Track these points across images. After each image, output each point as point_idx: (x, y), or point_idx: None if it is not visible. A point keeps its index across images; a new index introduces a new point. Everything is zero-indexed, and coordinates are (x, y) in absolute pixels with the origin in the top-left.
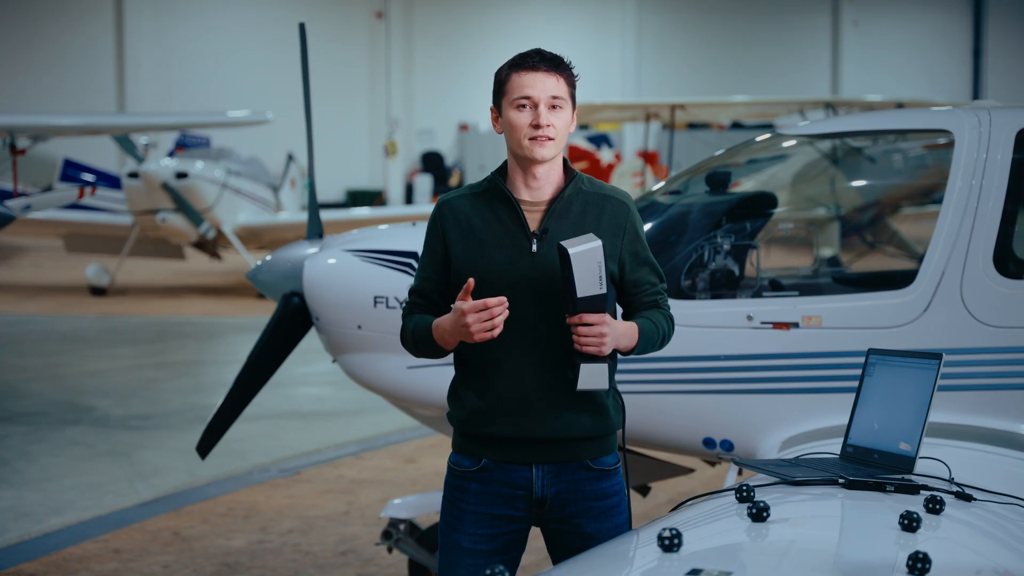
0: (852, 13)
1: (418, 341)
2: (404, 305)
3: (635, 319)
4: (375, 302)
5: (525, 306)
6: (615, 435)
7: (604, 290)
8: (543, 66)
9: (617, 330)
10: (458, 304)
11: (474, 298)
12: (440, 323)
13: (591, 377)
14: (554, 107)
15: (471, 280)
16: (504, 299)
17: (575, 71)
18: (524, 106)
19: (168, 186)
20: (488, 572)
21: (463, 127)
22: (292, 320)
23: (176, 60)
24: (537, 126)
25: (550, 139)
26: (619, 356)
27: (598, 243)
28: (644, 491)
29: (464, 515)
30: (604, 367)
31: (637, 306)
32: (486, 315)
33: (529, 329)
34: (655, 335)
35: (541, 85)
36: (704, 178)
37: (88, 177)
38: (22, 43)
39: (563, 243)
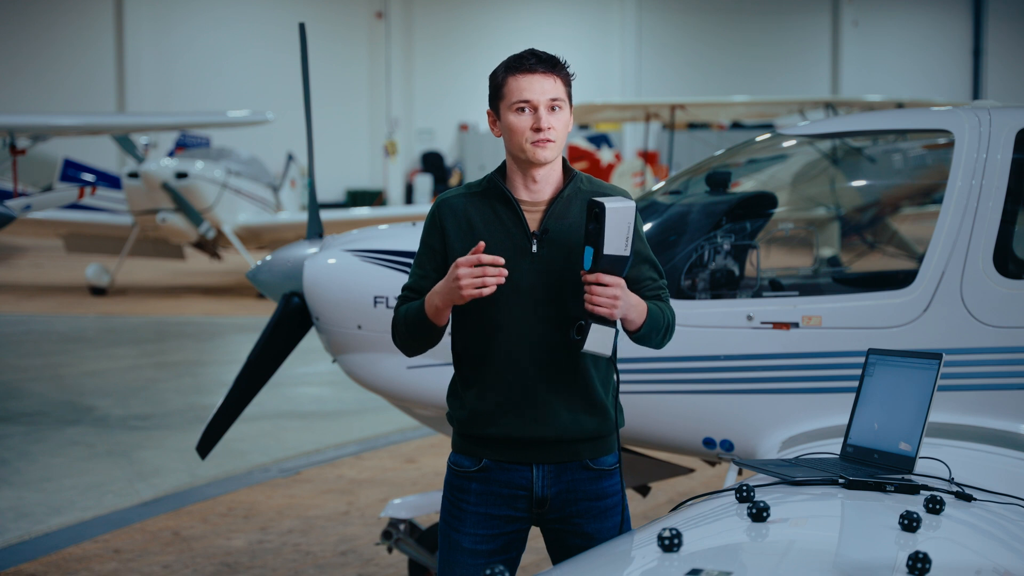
0: (852, 13)
1: (410, 321)
2: (397, 300)
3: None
4: (375, 302)
5: (525, 307)
6: (615, 435)
7: (628, 254)
8: (540, 68)
9: (630, 300)
10: (457, 260)
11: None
12: (434, 290)
13: (599, 340)
14: (553, 108)
15: (482, 243)
16: (500, 259)
17: (570, 69)
18: (523, 110)
19: (168, 186)
20: (488, 572)
21: (463, 127)
22: (292, 320)
23: (176, 60)
24: (539, 129)
25: (551, 141)
26: (624, 343)
27: (633, 204)
28: (644, 491)
29: (464, 515)
30: (612, 331)
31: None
32: (479, 270)
33: (529, 330)
34: (661, 321)
35: (540, 88)
36: (704, 178)
37: (88, 177)
38: (22, 43)
39: (597, 198)
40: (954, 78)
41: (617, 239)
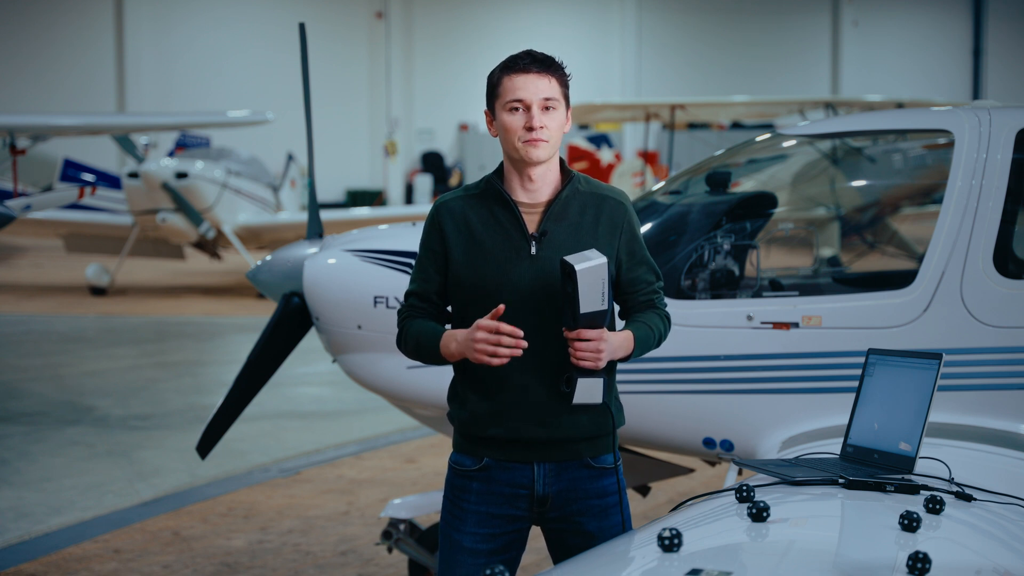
0: (852, 13)
1: (421, 347)
2: (400, 308)
3: (630, 326)
4: (375, 302)
5: (525, 308)
6: (615, 434)
7: (606, 306)
8: (534, 68)
9: (613, 344)
10: (479, 321)
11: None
12: (452, 335)
13: (587, 391)
14: (547, 108)
15: (502, 306)
16: (520, 332)
17: (567, 70)
18: (517, 109)
19: (168, 186)
20: (488, 572)
21: (463, 127)
22: (292, 320)
23: (176, 60)
24: (531, 128)
25: (544, 141)
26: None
27: (603, 260)
28: (644, 491)
29: (466, 515)
30: (600, 381)
31: (633, 305)
32: (494, 339)
33: (529, 331)
34: (651, 339)
35: (533, 87)
36: (704, 178)
37: (88, 177)
38: (22, 43)
39: (568, 259)
40: (954, 78)
41: (593, 296)
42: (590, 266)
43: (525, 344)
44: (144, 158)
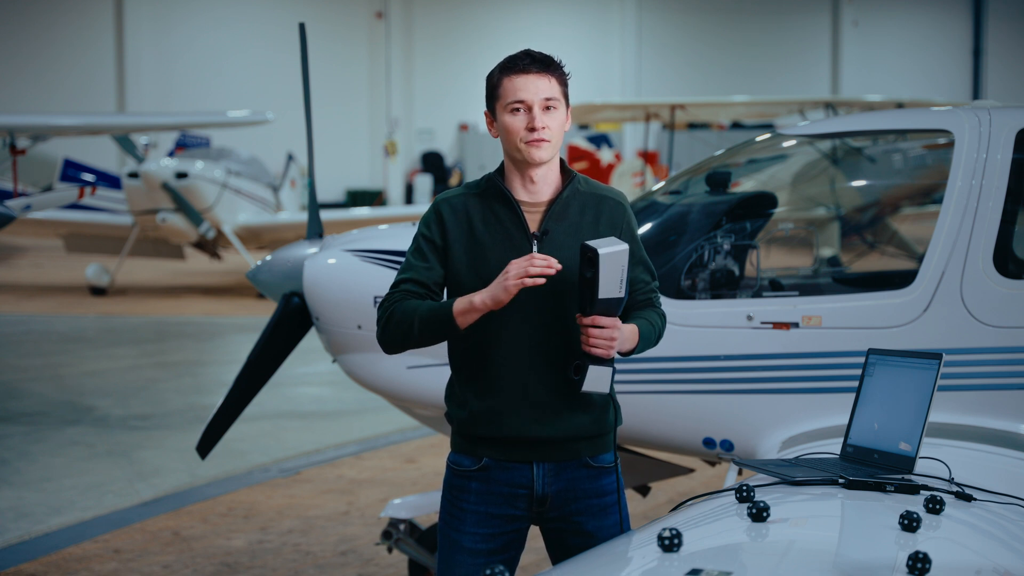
0: (852, 13)
1: (425, 320)
2: (387, 296)
3: (633, 320)
4: (375, 302)
5: (525, 307)
6: (614, 433)
7: (623, 295)
8: (534, 68)
9: (624, 334)
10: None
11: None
12: (473, 293)
13: (596, 380)
14: (548, 108)
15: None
16: (553, 260)
17: (566, 69)
18: (518, 110)
19: (168, 186)
20: (488, 572)
21: (463, 127)
22: (292, 320)
23: (176, 60)
24: (533, 128)
25: (546, 141)
26: (618, 357)
27: (625, 247)
28: (644, 491)
29: (465, 515)
30: (609, 371)
31: (632, 304)
32: (527, 262)
33: (529, 330)
34: (652, 336)
35: (534, 87)
36: (704, 178)
37: (88, 177)
38: (22, 43)
39: (590, 243)
40: (954, 78)
41: (612, 282)
42: (613, 251)
43: (559, 266)
44: (144, 158)
